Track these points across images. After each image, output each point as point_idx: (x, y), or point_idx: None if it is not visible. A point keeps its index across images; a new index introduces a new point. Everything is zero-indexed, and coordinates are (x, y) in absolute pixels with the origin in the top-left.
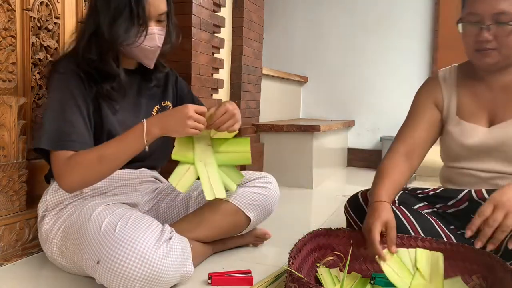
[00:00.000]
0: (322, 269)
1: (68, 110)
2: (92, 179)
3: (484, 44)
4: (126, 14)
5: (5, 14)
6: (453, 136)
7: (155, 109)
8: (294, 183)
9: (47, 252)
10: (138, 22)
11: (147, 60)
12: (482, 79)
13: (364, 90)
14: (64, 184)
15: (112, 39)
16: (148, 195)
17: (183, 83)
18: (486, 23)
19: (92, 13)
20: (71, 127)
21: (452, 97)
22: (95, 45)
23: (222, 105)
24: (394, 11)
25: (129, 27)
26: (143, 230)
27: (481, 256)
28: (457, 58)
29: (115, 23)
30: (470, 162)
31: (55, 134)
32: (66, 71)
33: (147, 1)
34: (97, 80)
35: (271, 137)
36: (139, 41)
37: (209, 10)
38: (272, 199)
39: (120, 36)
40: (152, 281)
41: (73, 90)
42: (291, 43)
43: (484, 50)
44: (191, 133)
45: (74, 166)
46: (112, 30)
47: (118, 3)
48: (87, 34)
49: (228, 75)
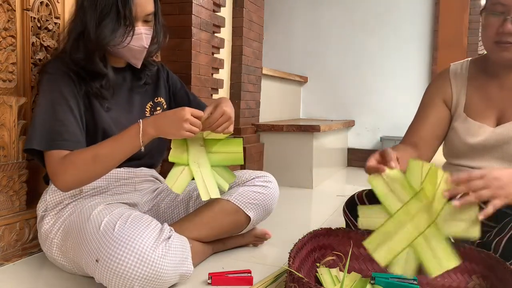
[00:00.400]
0: (322, 269)
1: (59, 110)
2: (86, 179)
3: (505, 36)
4: (113, 15)
5: (5, 14)
6: (458, 133)
7: (148, 105)
8: (294, 183)
9: (47, 252)
10: (124, 23)
11: (134, 60)
12: (495, 76)
13: (364, 90)
14: (59, 184)
15: (98, 40)
16: (148, 195)
17: (175, 78)
18: None
19: (79, 13)
20: (63, 126)
21: (461, 93)
22: (82, 45)
23: (218, 106)
24: (394, 11)
25: (115, 28)
26: (142, 229)
27: (481, 256)
28: (457, 58)
29: (101, 23)
30: (470, 160)
31: (47, 134)
32: (55, 72)
33: (134, 2)
34: (86, 79)
35: (271, 137)
36: (126, 42)
37: (209, 10)
38: (272, 198)
39: (107, 37)
40: (151, 280)
41: (63, 90)
42: (291, 43)
43: (504, 44)
44: (186, 136)
45: (68, 166)
46: (98, 31)
47: (104, 3)
48: (74, 34)
49: (228, 75)
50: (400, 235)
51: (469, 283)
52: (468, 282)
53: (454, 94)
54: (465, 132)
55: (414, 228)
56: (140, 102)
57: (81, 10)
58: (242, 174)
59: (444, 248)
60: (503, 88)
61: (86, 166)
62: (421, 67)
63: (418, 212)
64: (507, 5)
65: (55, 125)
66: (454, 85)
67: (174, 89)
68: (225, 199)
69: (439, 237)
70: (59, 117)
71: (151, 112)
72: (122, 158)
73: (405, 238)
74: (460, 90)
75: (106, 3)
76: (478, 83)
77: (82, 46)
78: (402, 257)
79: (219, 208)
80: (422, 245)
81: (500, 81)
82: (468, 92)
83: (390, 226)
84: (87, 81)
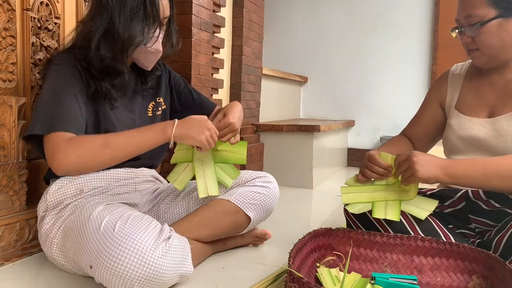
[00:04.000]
0: (322, 269)
1: (63, 97)
2: (90, 164)
3: (467, 46)
4: (141, 14)
5: (5, 14)
6: (452, 128)
7: (151, 105)
8: (294, 183)
9: (47, 252)
10: (153, 23)
11: (146, 62)
12: (487, 75)
13: (364, 90)
14: (60, 164)
15: (130, 39)
16: (148, 196)
17: (178, 77)
18: (463, 26)
19: (102, 11)
20: (67, 111)
21: (455, 91)
22: (109, 43)
23: (225, 117)
24: (394, 11)
25: (143, 28)
26: (142, 229)
27: (481, 256)
28: (456, 58)
29: (131, 22)
30: (465, 155)
31: (50, 118)
32: (62, 63)
33: (161, 3)
34: (97, 77)
35: (271, 137)
36: (151, 43)
37: (209, 10)
38: (272, 198)
39: (137, 36)
40: (151, 280)
41: (69, 80)
42: (291, 43)
43: (470, 52)
44: (204, 143)
45: (75, 146)
46: (129, 30)
47: (132, 2)
48: (99, 32)
49: (228, 75)
50: (370, 193)
51: (469, 283)
52: (468, 282)
53: (449, 93)
54: (458, 127)
55: (384, 194)
56: (143, 101)
57: (105, 8)
58: (243, 174)
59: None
60: (494, 87)
61: (95, 150)
62: (421, 67)
63: (391, 186)
64: (459, 20)
65: (59, 110)
66: (450, 85)
67: (178, 88)
68: (225, 199)
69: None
70: (63, 103)
71: (153, 112)
72: (134, 152)
73: (373, 196)
74: (455, 89)
75: (135, 1)
76: (473, 82)
77: (108, 44)
78: (381, 204)
79: (220, 209)
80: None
81: (492, 80)
82: (462, 90)
83: (366, 188)
84: (97, 79)
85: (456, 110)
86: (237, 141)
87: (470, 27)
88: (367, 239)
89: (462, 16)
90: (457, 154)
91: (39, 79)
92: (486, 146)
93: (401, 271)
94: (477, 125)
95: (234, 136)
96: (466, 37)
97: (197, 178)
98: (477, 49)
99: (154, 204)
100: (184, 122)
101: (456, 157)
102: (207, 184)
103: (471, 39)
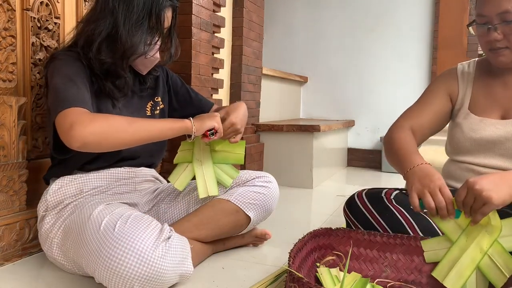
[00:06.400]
0: (322, 269)
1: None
2: (111, 140)
3: (494, 43)
4: (146, 24)
5: (5, 14)
6: (462, 129)
7: (149, 104)
8: (294, 183)
9: (47, 252)
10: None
11: (143, 67)
12: (499, 76)
13: (364, 90)
14: (79, 134)
15: (132, 47)
16: (148, 196)
17: (175, 77)
18: (493, 23)
19: (107, 16)
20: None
21: (467, 91)
22: (110, 48)
23: (228, 117)
24: (394, 11)
25: (146, 39)
26: (142, 229)
27: None
28: (456, 58)
29: (136, 31)
30: (474, 156)
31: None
32: (66, 58)
33: (166, 16)
34: (100, 76)
35: (271, 137)
36: (151, 52)
37: (209, 10)
38: (272, 198)
39: (139, 45)
40: (151, 280)
41: (76, 70)
42: (291, 43)
43: (496, 50)
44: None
45: (99, 120)
46: (133, 38)
47: (139, 11)
48: (102, 36)
49: (228, 75)
50: (465, 259)
51: None
52: None
53: (460, 91)
54: (469, 128)
55: (477, 250)
56: (141, 101)
57: (111, 13)
58: (242, 174)
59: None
60: (507, 87)
61: (120, 125)
62: (421, 67)
63: (478, 234)
64: (487, 16)
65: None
66: (461, 82)
67: (176, 87)
68: (225, 199)
69: (503, 253)
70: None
71: (152, 111)
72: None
73: (471, 260)
74: (466, 88)
75: (141, 11)
76: (484, 82)
77: (110, 49)
78: (472, 281)
79: (219, 208)
80: (488, 263)
81: (504, 80)
82: (474, 90)
83: (454, 252)
84: (100, 79)
85: (468, 110)
86: (237, 141)
87: (507, 23)
88: (367, 239)
89: (494, 12)
90: (465, 155)
91: (39, 79)
92: (498, 148)
93: (401, 271)
94: (489, 126)
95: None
96: (496, 34)
97: (197, 179)
98: (506, 48)
99: (154, 204)
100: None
101: (463, 158)
102: (207, 184)
103: (502, 36)
